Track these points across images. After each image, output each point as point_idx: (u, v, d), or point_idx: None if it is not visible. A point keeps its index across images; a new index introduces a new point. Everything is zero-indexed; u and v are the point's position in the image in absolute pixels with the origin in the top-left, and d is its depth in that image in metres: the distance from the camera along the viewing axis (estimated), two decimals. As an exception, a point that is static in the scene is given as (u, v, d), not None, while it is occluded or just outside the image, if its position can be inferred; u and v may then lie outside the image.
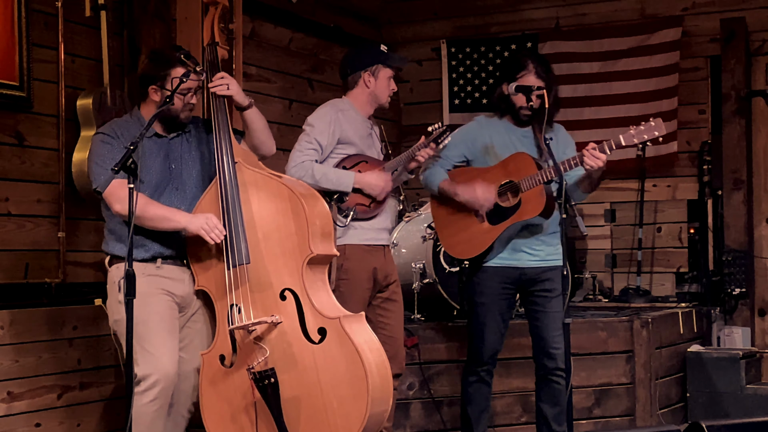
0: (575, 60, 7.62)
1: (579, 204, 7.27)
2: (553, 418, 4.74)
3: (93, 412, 5.27)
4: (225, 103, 4.27)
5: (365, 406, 4.01)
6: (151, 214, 4.12)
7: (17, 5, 4.98)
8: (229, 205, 4.17)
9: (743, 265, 7.13)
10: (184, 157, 4.33)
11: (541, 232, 4.72)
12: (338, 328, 4.07)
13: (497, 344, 4.79)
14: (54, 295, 5.14)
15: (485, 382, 4.84)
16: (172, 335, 4.20)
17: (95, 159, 4.20)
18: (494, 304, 4.74)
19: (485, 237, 4.70)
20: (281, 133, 6.85)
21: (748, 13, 7.23)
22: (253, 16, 6.67)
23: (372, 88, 4.70)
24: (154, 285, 4.18)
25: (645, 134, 4.45)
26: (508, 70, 4.79)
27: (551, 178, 4.53)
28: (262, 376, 4.06)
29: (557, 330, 4.70)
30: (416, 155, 4.62)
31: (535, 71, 4.68)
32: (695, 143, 7.41)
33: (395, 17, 8.25)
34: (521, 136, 4.76)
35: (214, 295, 4.25)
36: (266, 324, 4.13)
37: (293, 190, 4.18)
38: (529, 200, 4.60)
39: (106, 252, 4.30)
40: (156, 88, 4.23)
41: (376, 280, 4.68)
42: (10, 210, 5.02)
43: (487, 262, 4.74)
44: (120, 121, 4.34)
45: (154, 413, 4.13)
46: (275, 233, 4.19)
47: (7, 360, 4.87)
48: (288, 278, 4.15)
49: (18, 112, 5.04)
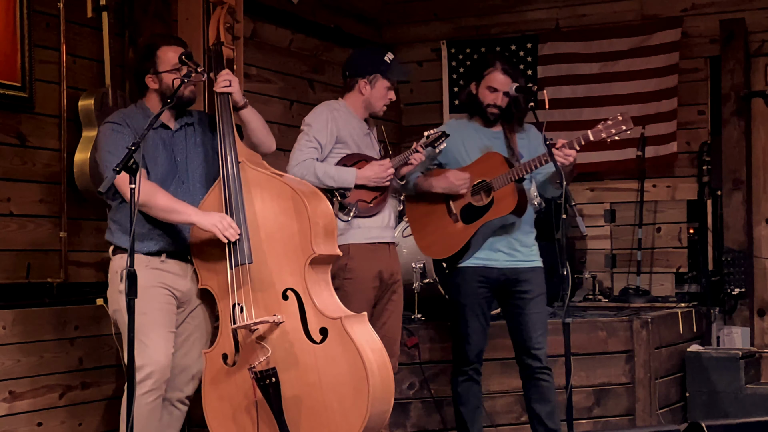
0: (575, 61, 7.63)
1: (579, 204, 7.29)
2: (546, 416, 4.78)
3: (94, 411, 5.30)
4: (229, 102, 4.28)
5: (366, 406, 4.02)
6: (161, 203, 4.10)
7: (19, 6, 4.99)
8: (232, 204, 4.18)
9: (742, 265, 7.14)
10: (189, 150, 4.33)
11: (517, 231, 4.78)
12: (339, 329, 4.08)
13: (482, 343, 4.84)
14: (56, 295, 5.16)
15: (474, 380, 4.88)
16: (168, 329, 4.22)
17: (107, 148, 4.15)
18: (475, 303, 4.79)
19: (460, 236, 4.76)
20: (282, 133, 6.87)
21: (748, 14, 7.24)
22: (254, 16, 6.69)
23: (366, 96, 4.70)
24: (155, 278, 4.19)
25: (613, 129, 4.53)
26: (474, 70, 4.86)
27: (522, 176, 4.63)
28: (263, 376, 4.07)
29: (539, 330, 4.76)
30: (409, 160, 4.64)
31: (502, 68, 4.74)
32: (695, 144, 7.42)
33: (395, 18, 8.26)
34: (492, 137, 4.82)
35: (218, 295, 4.25)
36: (268, 323, 4.14)
37: (296, 190, 4.19)
38: (501, 198, 4.67)
39: (110, 242, 4.28)
40: (151, 76, 4.25)
41: (382, 279, 4.69)
42: (11, 210, 5.03)
43: (465, 262, 4.78)
44: (126, 110, 4.34)
45: (150, 405, 4.14)
46: (278, 233, 4.20)
47: (9, 359, 4.89)
48: (290, 278, 4.16)
49: (20, 113, 5.06)
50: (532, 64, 7.76)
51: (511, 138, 4.79)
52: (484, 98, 4.76)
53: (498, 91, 4.73)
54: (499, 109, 4.74)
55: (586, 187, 7.67)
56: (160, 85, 4.25)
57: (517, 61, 7.77)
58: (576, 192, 7.41)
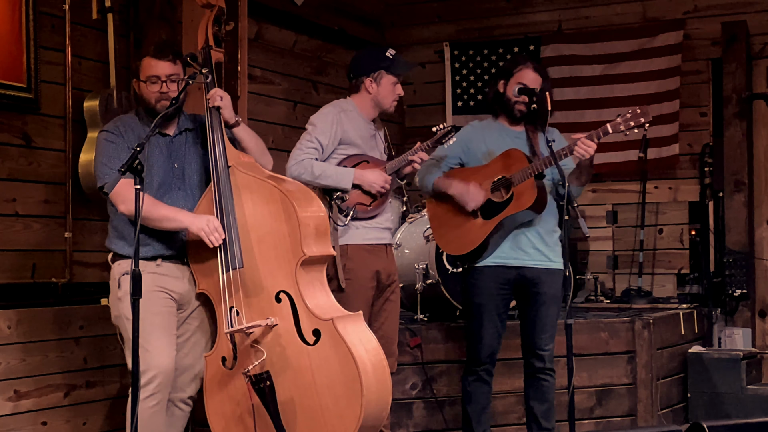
0: (577, 63, 7.65)
1: (581, 206, 7.31)
2: (542, 415, 4.81)
3: (99, 410, 5.31)
4: (219, 111, 4.30)
5: (360, 406, 4.02)
6: (156, 214, 4.16)
7: (25, 8, 5.01)
8: (222, 209, 4.20)
9: (744, 266, 7.16)
10: (187, 156, 4.35)
11: (541, 230, 4.76)
12: (331, 330, 4.08)
13: (495, 344, 4.84)
14: (60, 295, 5.18)
15: (485, 381, 4.89)
16: (169, 332, 4.23)
17: (100, 158, 4.23)
18: (491, 303, 4.78)
19: (479, 232, 4.75)
20: (285, 134, 6.90)
21: (749, 17, 7.27)
22: (259, 18, 6.72)
23: (374, 94, 4.71)
24: (153, 283, 4.19)
25: (632, 121, 4.51)
26: (504, 68, 4.88)
27: (542, 171, 4.62)
28: (258, 379, 4.10)
29: (548, 332, 4.77)
30: (412, 159, 4.65)
31: (533, 66, 4.78)
32: (696, 145, 7.44)
33: (399, 20, 8.28)
34: (514, 137, 4.82)
35: (214, 299, 4.26)
36: (262, 327, 4.15)
37: (285, 192, 4.18)
38: (521, 194, 4.66)
39: (109, 248, 4.33)
40: (136, 81, 4.31)
41: (380, 280, 4.70)
42: (17, 210, 5.06)
43: (483, 261, 4.78)
44: (125, 118, 4.37)
45: (153, 409, 4.15)
46: (269, 236, 4.20)
47: (14, 359, 4.92)
48: (283, 280, 4.16)
49: (25, 114, 5.08)
50: (535, 66, 7.78)
51: (534, 138, 4.78)
52: (513, 95, 4.78)
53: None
54: (526, 106, 4.75)
55: (589, 189, 7.67)
56: (138, 90, 4.30)
57: (519, 63, 7.80)
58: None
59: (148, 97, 4.25)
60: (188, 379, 4.38)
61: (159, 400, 4.17)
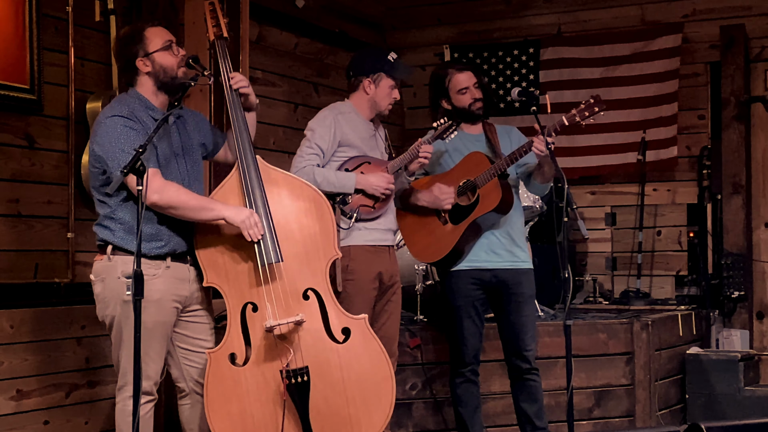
0: (576, 66, 7.68)
1: (580, 208, 7.33)
2: (534, 415, 4.85)
3: (101, 410, 5.34)
4: (241, 101, 4.22)
5: (389, 405, 4.09)
6: (194, 203, 3.96)
7: (28, 10, 5.04)
8: (257, 203, 4.09)
9: (742, 268, 7.18)
10: (182, 143, 4.18)
11: (511, 232, 4.84)
12: (363, 328, 4.13)
13: (478, 344, 4.90)
14: (63, 295, 5.20)
15: (472, 381, 4.93)
16: (167, 341, 4.12)
17: (119, 145, 3.90)
18: (469, 306, 4.84)
19: (450, 237, 4.81)
20: (287, 136, 6.92)
21: (748, 20, 7.30)
22: (260, 21, 6.74)
23: (371, 95, 4.72)
24: (168, 290, 4.04)
25: (587, 111, 4.62)
26: (435, 91, 4.95)
27: (504, 170, 4.70)
28: (296, 373, 4.02)
29: (529, 332, 4.82)
30: (419, 154, 4.66)
31: (456, 68, 4.89)
32: (695, 148, 7.47)
33: (399, 23, 8.31)
34: (474, 140, 4.89)
35: (227, 293, 4.13)
36: (292, 323, 4.08)
37: (318, 192, 4.22)
38: (486, 195, 4.73)
39: (107, 241, 4.05)
40: (142, 59, 4.06)
41: (382, 281, 4.72)
42: (20, 211, 5.08)
43: (458, 266, 4.84)
44: (126, 100, 4.07)
45: (147, 414, 4.07)
46: (298, 233, 4.18)
47: (17, 358, 4.94)
48: (311, 278, 4.16)
49: (28, 115, 5.11)
50: (534, 68, 7.81)
51: (493, 139, 4.87)
52: (463, 102, 4.84)
53: (468, 87, 4.83)
54: (481, 101, 4.84)
55: (588, 191, 7.72)
56: (153, 66, 4.06)
57: (519, 65, 7.84)
58: (577, 195, 7.46)
59: (171, 64, 4.04)
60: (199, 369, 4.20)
61: (150, 409, 4.09)
